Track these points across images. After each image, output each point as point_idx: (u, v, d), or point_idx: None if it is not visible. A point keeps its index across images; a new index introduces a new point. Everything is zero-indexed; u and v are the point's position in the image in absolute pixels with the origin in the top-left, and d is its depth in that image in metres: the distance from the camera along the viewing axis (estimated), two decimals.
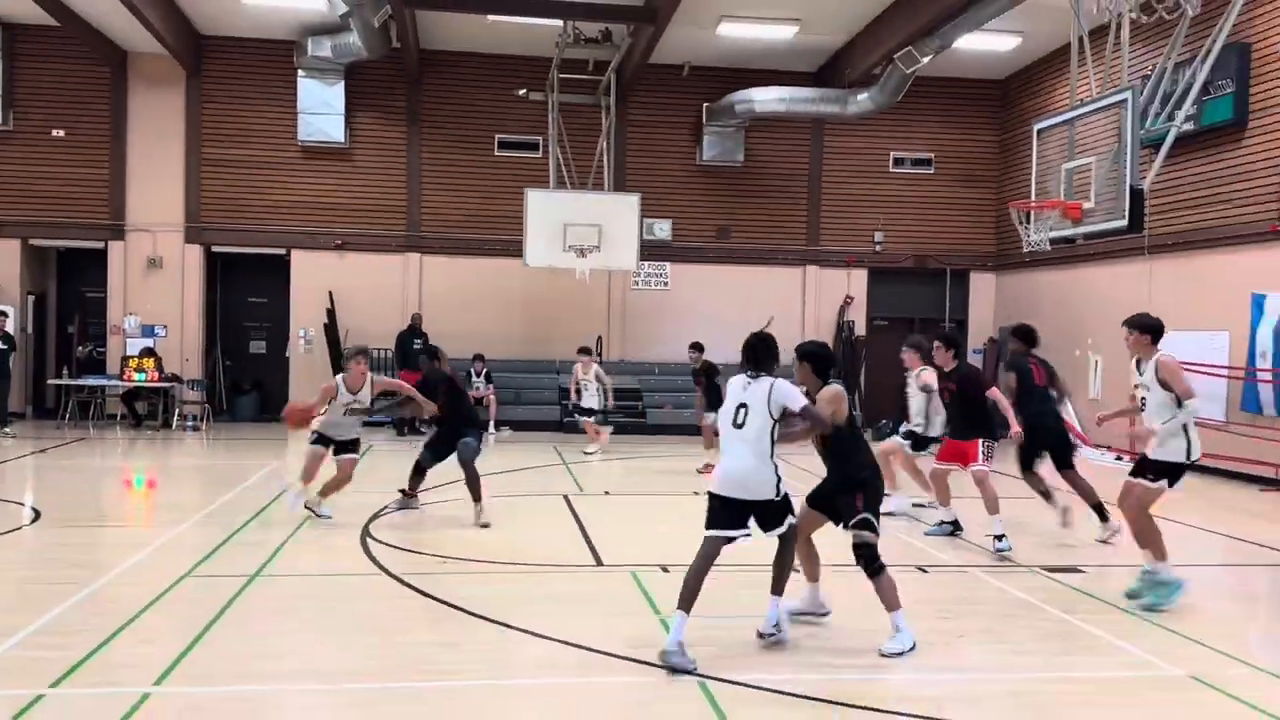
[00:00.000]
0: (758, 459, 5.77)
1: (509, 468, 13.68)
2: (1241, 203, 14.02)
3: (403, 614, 6.62)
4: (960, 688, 5.49)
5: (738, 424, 5.85)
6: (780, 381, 5.82)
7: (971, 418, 9.00)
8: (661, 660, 5.51)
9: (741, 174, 20.30)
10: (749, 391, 5.85)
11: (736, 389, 5.93)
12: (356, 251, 19.40)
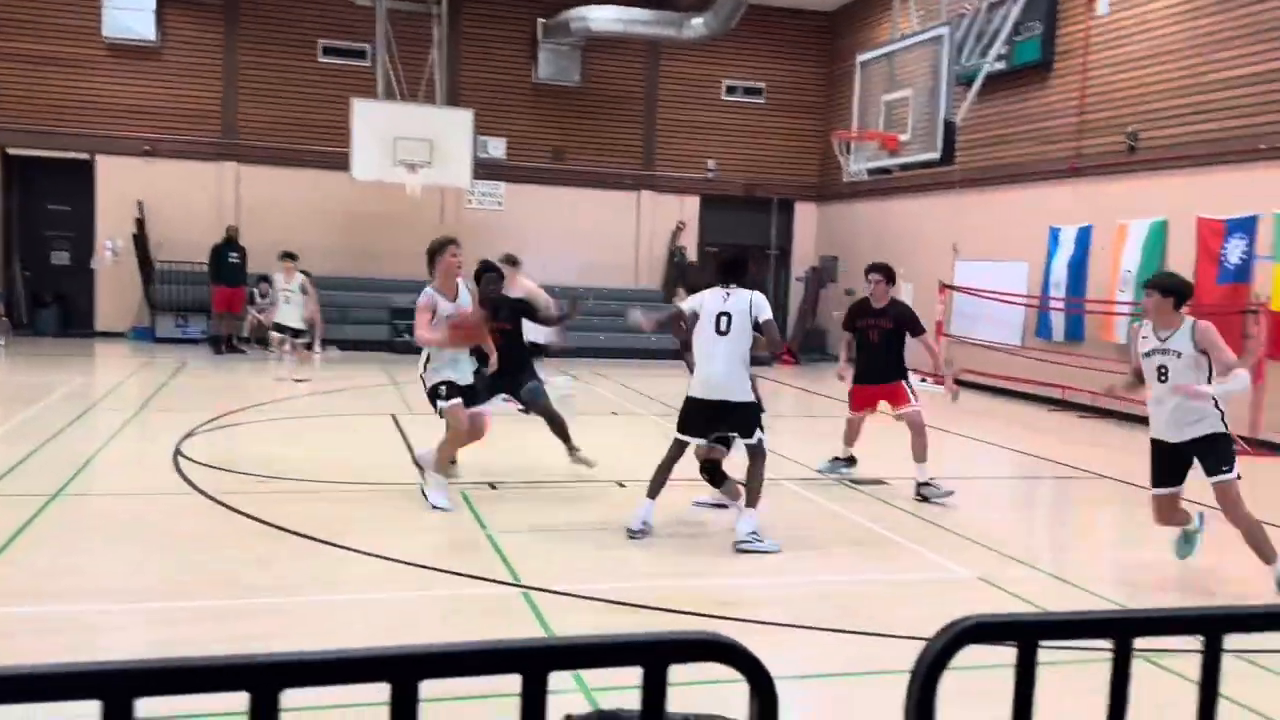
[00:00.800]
0: (739, 363, 6.45)
1: (335, 388, 13.40)
2: (1044, 141, 14.90)
3: (215, 533, 6.47)
4: (774, 591, 5.81)
5: (721, 331, 6.47)
6: (759, 294, 6.60)
7: (899, 357, 8.41)
8: (627, 534, 6.44)
9: (577, 95, 20.13)
10: (729, 302, 6.52)
11: (716, 301, 6.55)
12: (168, 159, 18.30)
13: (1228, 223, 11.76)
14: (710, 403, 6.47)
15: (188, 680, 1.08)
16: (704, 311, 6.55)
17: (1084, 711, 4.08)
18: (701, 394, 6.51)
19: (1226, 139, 11.91)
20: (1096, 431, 12.49)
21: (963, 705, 3.92)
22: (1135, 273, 12.95)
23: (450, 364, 7.12)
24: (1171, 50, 12.71)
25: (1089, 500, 8.98)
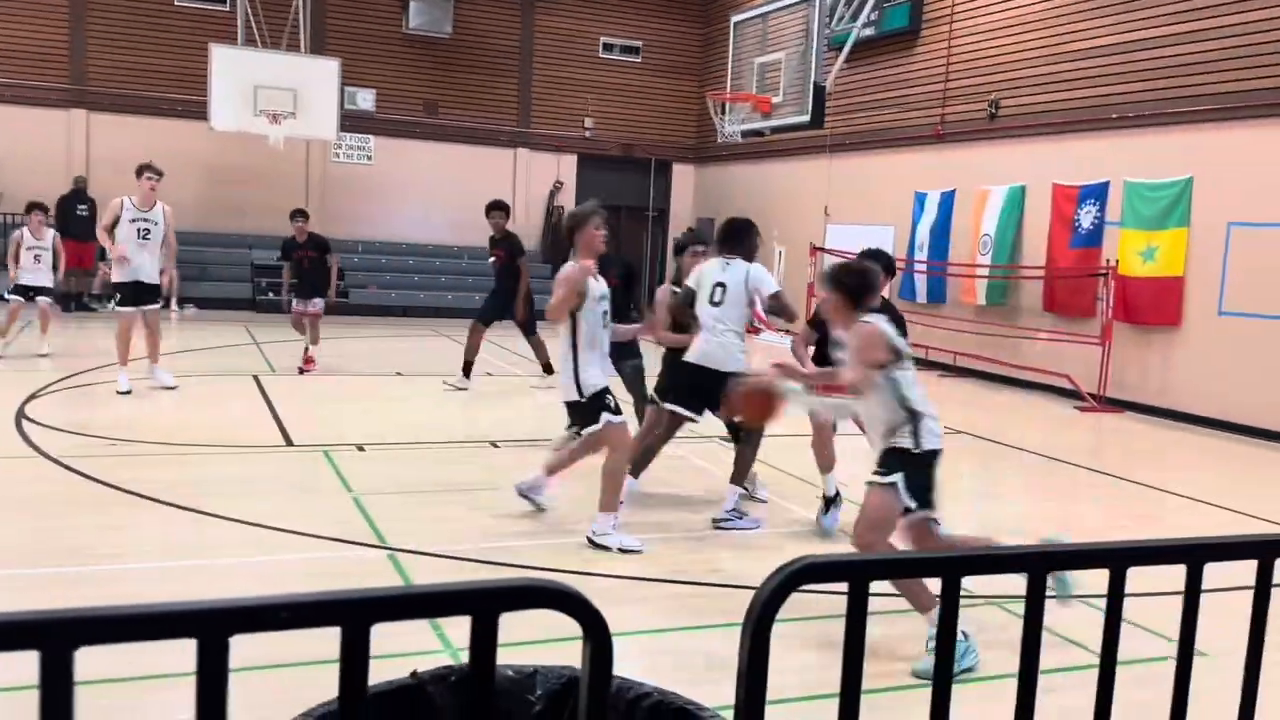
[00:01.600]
0: (732, 335, 6.21)
1: (192, 346, 12.87)
2: (911, 107, 15.26)
3: (62, 498, 6.15)
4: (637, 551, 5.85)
5: (714, 302, 6.26)
6: (758, 266, 6.38)
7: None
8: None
9: (450, 47, 19.65)
10: (727, 273, 6.28)
11: (715, 270, 6.32)
12: (9, 105, 17.15)
13: (1081, 189, 12.28)
14: (696, 368, 6.19)
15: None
16: (702, 280, 6.33)
17: (911, 653, 4.26)
18: (693, 359, 6.24)
19: (1082, 108, 12.41)
20: (956, 390, 12.95)
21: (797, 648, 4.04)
22: (994, 236, 13.42)
23: (600, 360, 5.82)
24: (1032, 20, 13.14)
25: (947, 457, 9.28)
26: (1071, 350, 12.22)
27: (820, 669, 3.84)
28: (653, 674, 2.46)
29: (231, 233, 18.21)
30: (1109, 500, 7.65)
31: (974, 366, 13.80)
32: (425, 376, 11.84)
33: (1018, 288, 13.33)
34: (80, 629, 1.03)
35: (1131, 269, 11.51)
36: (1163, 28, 11.42)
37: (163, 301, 11.01)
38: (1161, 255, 11.23)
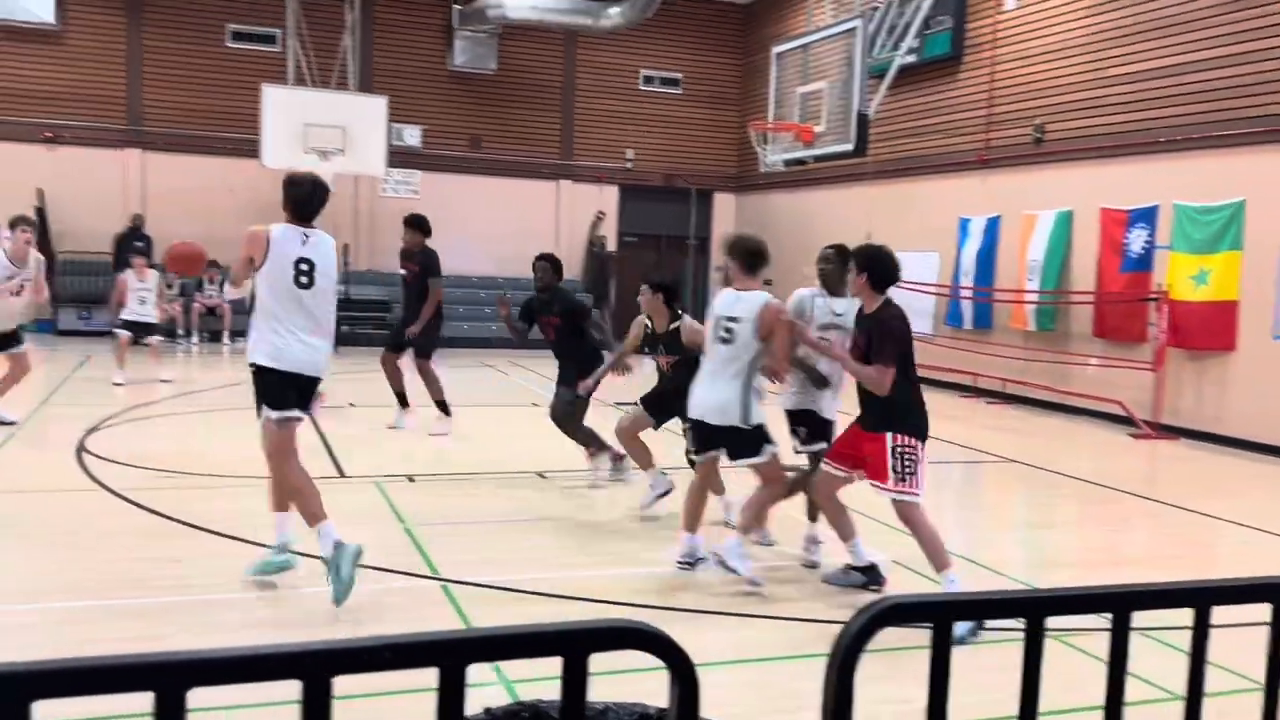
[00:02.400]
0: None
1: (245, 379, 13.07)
2: (954, 133, 15.23)
3: (121, 531, 6.27)
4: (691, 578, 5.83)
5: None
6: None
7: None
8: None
9: (494, 83, 19.94)
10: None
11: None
12: (70, 146, 17.65)
13: (1130, 213, 12.16)
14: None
15: (91, 681, 1.04)
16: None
17: (998, 689, 4.20)
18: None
19: (1128, 131, 12.31)
20: (1005, 416, 12.82)
21: (880, 685, 4.00)
22: (1042, 262, 13.31)
23: (758, 393, 5.66)
24: (1075, 45, 13.09)
25: (997, 484, 9.22)
26: (1123, 376, 12.06)
27: (900, 702, 3.81)
28: (730, 709, 2.47)
29: None
30: (1165, 529, 7.52)
31: (1023, 393, 13.66)
32: (471, 407, 11.93)
33: (1066, 313, 13.19)
34: (194, 671, 1.07)
35: (1183, 293, 11.36)
36: (1209, 50, 11.32)
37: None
38: (1214, 279, 11.07)
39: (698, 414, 5.62)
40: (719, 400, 5.52)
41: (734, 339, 5.49)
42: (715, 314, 5.60)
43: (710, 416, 5.55)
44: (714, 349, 5.58)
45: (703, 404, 5.60)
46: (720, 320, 5.54)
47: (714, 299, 5.47)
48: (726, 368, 5.50)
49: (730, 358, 5.49)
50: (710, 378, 5.59)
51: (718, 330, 5.54)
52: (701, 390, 5.62)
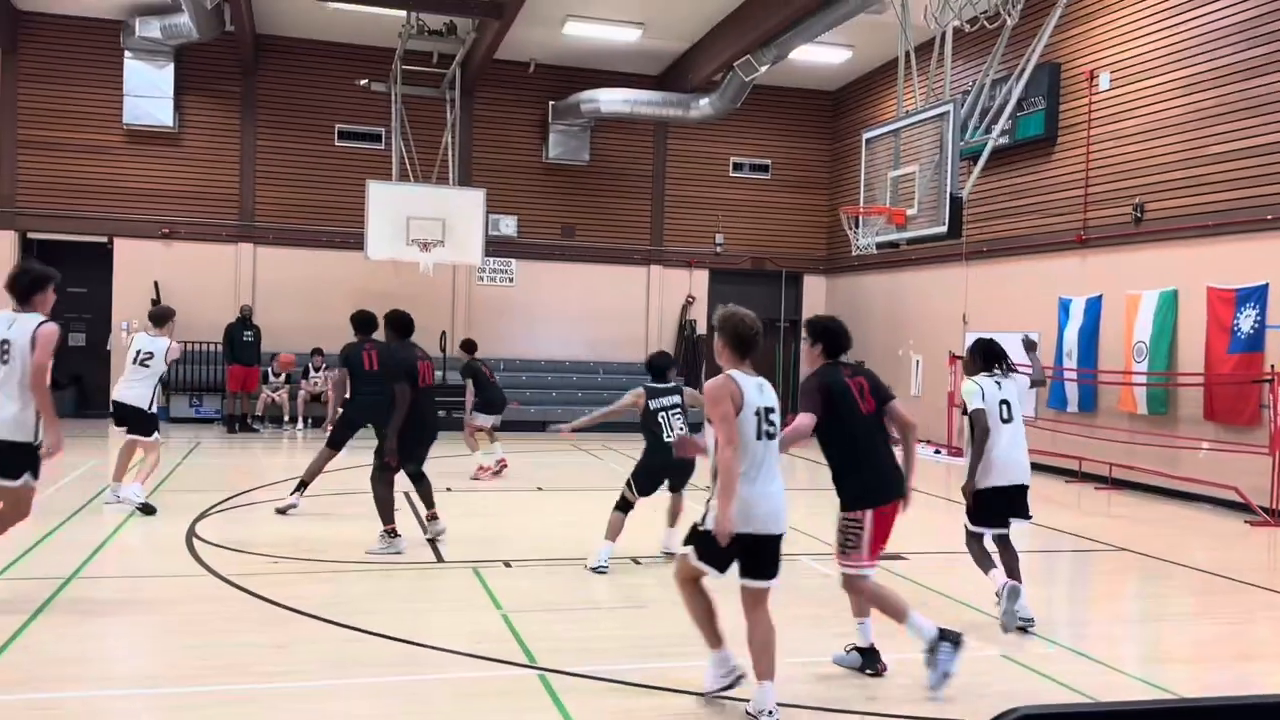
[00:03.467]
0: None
1: (345, 464, 13.39)
2: (1050, 213, 15.04)
3: (231, 616, 6.43)
4: (792, 671, 5.71)
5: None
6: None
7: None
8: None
9: (587, 173, 20.44)
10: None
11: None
12: (185, 241, 18.60)
13: (1238, 292, 11.79)
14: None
15: None
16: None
17: None
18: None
19: (1231, 209, 12.01)
20: (1114, 503, 12.37)
21: None
22: (1149, 343, 12.94)
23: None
24: (1171, 123, 12.89)
25: (1108, 573, 8.87)
26: (1238, 460, 11.57)
27: None
28: None
29: None
30: None
31: (1131, 478, 13.19)
32: (565, 491, 12.02)
33: (1175, 395, 12.76)
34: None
35: None
36: None
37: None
38: None
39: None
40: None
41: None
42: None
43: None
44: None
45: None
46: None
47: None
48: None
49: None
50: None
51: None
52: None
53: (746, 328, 4.90)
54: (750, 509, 4.71)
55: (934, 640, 5.31)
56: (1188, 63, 12.68)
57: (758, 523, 4.73)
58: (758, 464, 4.76)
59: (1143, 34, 13.39)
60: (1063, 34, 14.42)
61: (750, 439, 4.75)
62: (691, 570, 4.95)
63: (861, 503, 5.40)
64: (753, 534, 4.74)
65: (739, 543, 4.72)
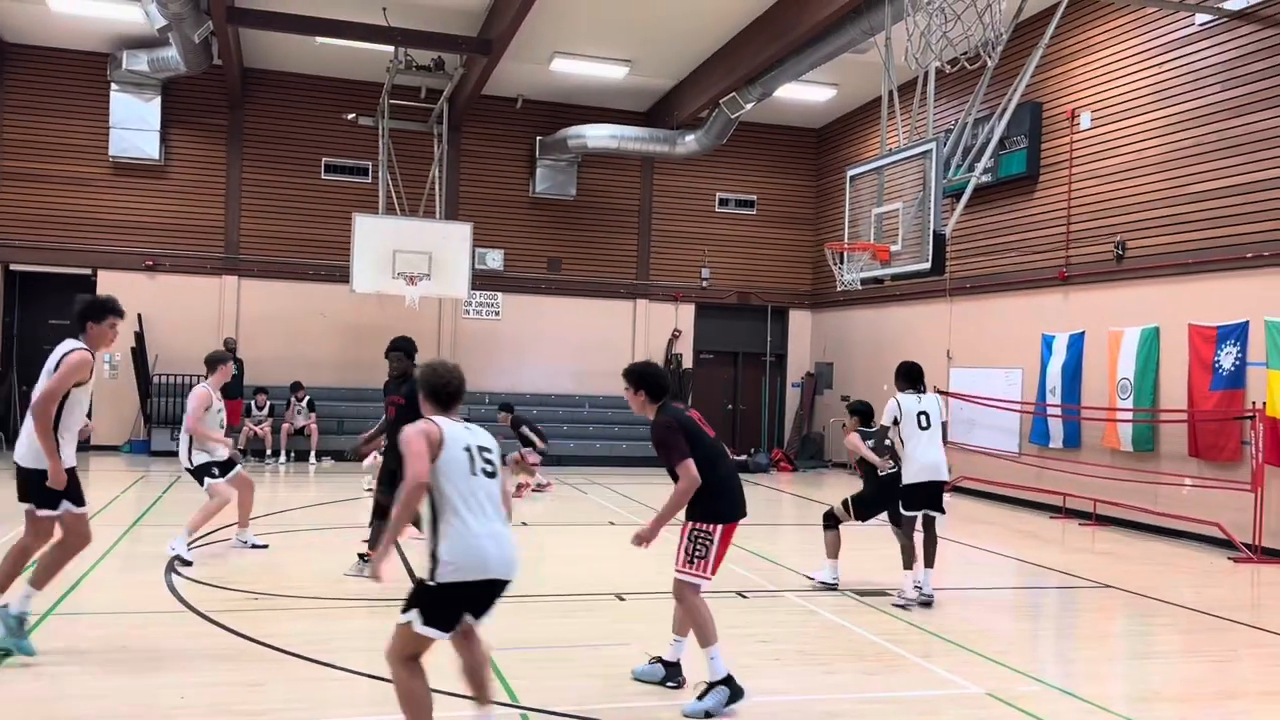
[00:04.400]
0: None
1: (330, 499, 13.30)
2: (1033, 250, 15.16)
3: (208, 653, 6.33)
4: (778, 710, 5.67)
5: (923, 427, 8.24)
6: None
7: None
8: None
9: (574, 207, 20.52)
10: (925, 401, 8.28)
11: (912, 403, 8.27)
12: (169, 273, 18.55)
13: (1219, 329, 11.88)
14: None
15: None
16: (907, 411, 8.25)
17: None
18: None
19: (1212, 248, 12.13)
20: (1098, 539, 12.38)
21: None
22: (1133, 380, 13.01)
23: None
24: (1152, 162, 13.04)
25: (1094, 610, 8.85)
26: (1221, 497, 11.61)
27: None
28: None
29: (367, 387, 18.95)
30: (1276, 661, 7.11)
31: (1115, 514, 13.21)
32: (549, 526, 11.95)
33: (1158, 431, 12.81)
34: None
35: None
36: None
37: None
38: None
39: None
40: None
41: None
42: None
43: None
44: None
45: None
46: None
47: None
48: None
49: None
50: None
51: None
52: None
53: (440, 380, 4.65)
54: (484, 553, 4.39)
55: (719, 680, 5.46)
56: (1167, 103, 12.85)
57: (494, 568, 4.43)
58: (479, 501, 4.44)
59: (1123, 74, 13.58)
60: (1044, 74, 14.61)
61: (464, 474, 4.44)
62: (414, 643, 4.45)
63: (718, 518, 5.67)
64: (487, 580, 4.44)
65: (469, 592, 4.42)
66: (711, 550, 5.64)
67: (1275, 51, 11.46)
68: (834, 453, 20.68)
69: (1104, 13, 13.88)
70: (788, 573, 9.36)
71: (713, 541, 5.64)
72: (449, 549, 4.35)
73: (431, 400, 4.67)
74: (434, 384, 4.67)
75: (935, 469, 8.18)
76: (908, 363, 8.57)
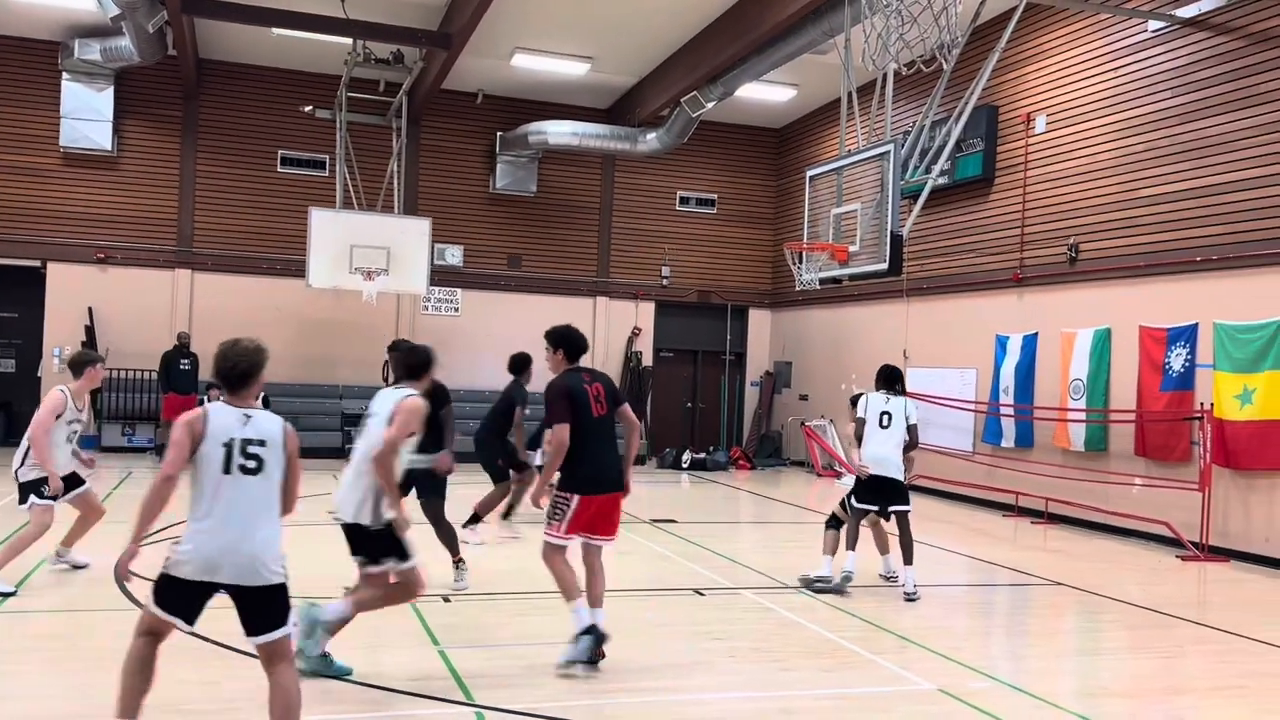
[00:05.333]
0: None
1: None
2: (988, 252, 15.34)
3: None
4: (732, 707, 5.70)
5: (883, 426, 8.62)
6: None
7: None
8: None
9: (534, 204, 20.46)
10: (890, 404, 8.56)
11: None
12: (121, 266, 18.23)
13: (1169, 331, 12.10)
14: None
15: None
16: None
17: None
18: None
19: (1163, 251, 12.35)
20: (1050, 538, 12.56)
21: None
22: (1085, 380, 13.22)
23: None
24: (1106, 166, 13.25)
25: (1045, 607, 8.99)
26: (1169, 496, 11.83)
27: None
28: None
29: (323, 383, 18.80)
30: (1221, 658, 7.26)
31: (1066, 513, 13.41)
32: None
33: (1109, 431, 13.03)
34: None
35: (1228, 412, 11.20)
36: (1241, 172, 11.41)
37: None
38: (1259, 398, 10.92)
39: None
40: None
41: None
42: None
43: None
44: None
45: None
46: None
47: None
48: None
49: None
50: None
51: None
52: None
53: (226, 363, 4.49)
54: (200, 555, 4.27)
55: (584, 629, 6.01)
56: (1121, 108, 13.06)
57: (220, 571, 4.26)
58: (224, 501, 4.28)
59: (1078, 79, 13.78)
60: (1000, 78, 14.79)
61: (214, 471, 4.28)
62: (152, 620, 4.42)
63: (574, 488, 6.16)
64: (217, 584, 4.29)
65: (181, 589, 4.32)
66: (567, 515, 6.15)
67: (1226, 58, 11.69)
68: (792, 451, 20.81)
69: (1059, 18, 14.08)
70: (745, 570, 9.41)
71: (569, 508, 6.14)
72: (184, 541, 4.32)
73: (220, 384, 4.54)
74: (219, 366, 4.50)
75: (880, 463, 8.49)
76: (886, 366, 9.11)
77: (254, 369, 4.50)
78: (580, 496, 6.15)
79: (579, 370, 6.42)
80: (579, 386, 6.24)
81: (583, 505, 6.15)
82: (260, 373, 4.54)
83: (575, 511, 6.14)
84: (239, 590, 4.30)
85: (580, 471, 6.17)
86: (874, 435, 8.60)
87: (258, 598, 4.32)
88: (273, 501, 4.40)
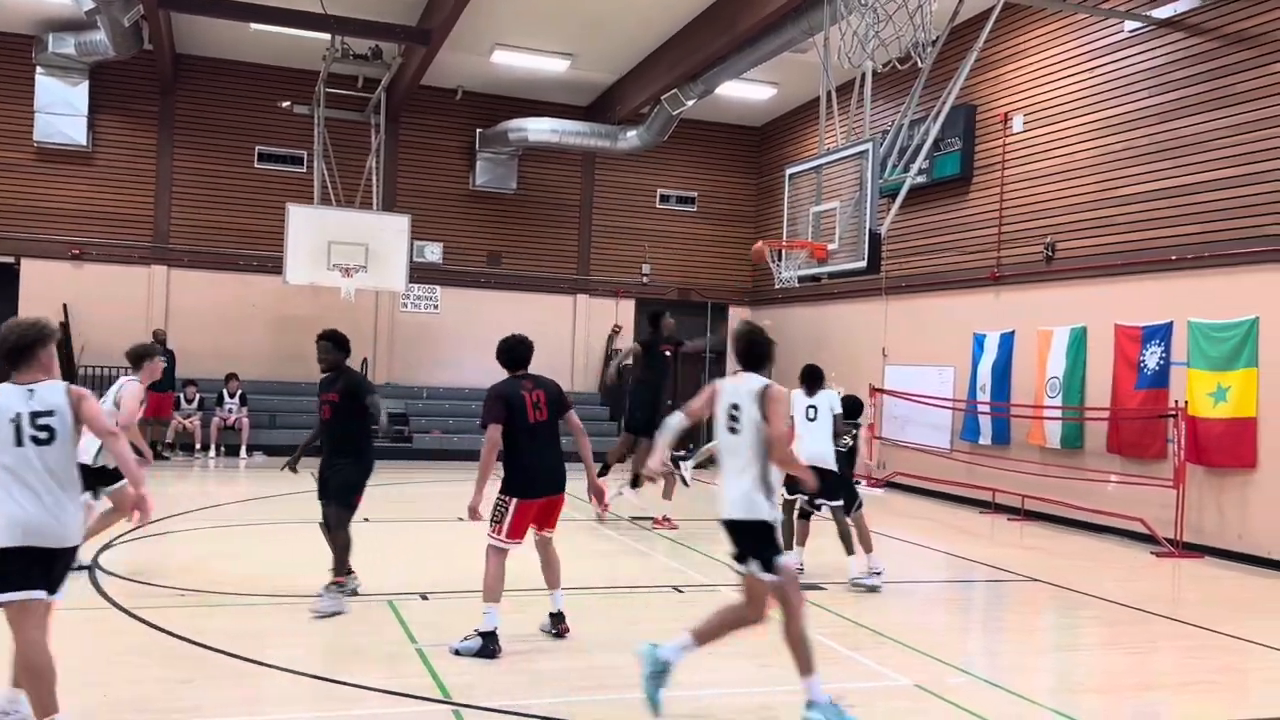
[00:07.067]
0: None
1: (261, 494, 13.08)
2: (966, 251, 15.42)
3: (133, 650, 6.20)
4: (709, 704, 5.71)
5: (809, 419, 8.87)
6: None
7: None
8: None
9: (514, 201, 20.40)
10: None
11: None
12: (96, 262, 18.06)
13: (1144, 330, 12.20)
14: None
15: None
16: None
17: None
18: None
19: (1139, 250, 12.44)
20: (1026, 534, 12.65)
21: None
22: (1062, 378, 13.30)
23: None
24: (1083, 166, 13.33)
25: (1021, 603, 9.05)
26: (1144, 493, 11.92)
27: None
28: None
29: (300, 381, 18.67)
30: (1194, 653, 7.33)
31: (1043, 509, 13.50)
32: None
33: (1085, 429, 13.12)
34: None
35: (1202, 410, 11.30)
36: (1216, 172, 11.51)
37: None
38: (1233, 396, 11.02)
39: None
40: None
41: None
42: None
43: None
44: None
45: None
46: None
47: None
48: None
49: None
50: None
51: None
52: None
53: (5, 341, 4.47)
54: (19, 522, 4.34)
55: (489, 631, 6.25)
56: (1098, 107, 13.15)
57: (35, 536, 4.36)
58: (24, 472, 4.33)
59: (1055, 79, 13.86)
60: (978, 77, 14.86)
61: (8, 446, 4.33)
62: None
63: (511, 491, 6.43)
64: (35, 548, 4.37)
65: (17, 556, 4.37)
66: (507, 518, 6.40)
67: (1201, 59, 11.79)
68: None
69: (1037, 18, 14.16)
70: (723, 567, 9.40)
71: (508, 511, 6.40)
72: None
73: (4, 362, 4.50)
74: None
75: (815, 457, 8.54)
76: (808, 366, 9.47)
77: (31, 344, 4.46)
78: (518, 500, 6.41)
79: (521, 378, 6.69)
80: (516, 392, 6.53)
81: (521, 509, 6.42)
82: (41, 349, 4.48)
83: (514, 515, 6.40)
84: (50, 553, 4.43)
85: (517, 477, 6.45)
86: (805, 429, 8.85)
87: (62, 559, 4.50)
88: (70, 467, 4.49)
